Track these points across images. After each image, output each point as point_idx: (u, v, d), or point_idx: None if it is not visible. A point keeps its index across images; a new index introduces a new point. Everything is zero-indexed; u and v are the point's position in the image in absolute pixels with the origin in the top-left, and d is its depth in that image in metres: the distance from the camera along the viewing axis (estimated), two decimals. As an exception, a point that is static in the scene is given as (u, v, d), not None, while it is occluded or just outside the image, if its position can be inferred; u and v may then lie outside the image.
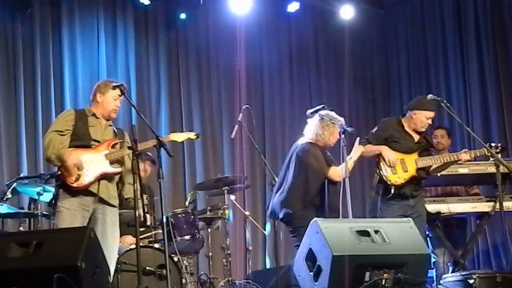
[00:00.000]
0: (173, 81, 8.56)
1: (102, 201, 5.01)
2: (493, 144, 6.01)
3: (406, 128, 6.00)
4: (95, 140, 5.09)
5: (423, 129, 5.99)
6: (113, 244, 4.99)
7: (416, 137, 6.00)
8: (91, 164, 4.97)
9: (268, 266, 8.41)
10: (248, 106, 6.81)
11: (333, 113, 5.82)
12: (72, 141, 5.03)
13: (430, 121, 5.99)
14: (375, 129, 6.07)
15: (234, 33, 8.34)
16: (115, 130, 5.26)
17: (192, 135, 5.43)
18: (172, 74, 8.55)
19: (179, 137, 5.37)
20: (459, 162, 6.01)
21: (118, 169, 5.08)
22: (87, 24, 8.02)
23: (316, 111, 5.80)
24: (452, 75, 8.87)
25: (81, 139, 5.05)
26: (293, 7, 9.00)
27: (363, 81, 9.73)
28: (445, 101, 5.97)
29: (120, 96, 5.11)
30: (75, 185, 4.92)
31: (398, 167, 5.83)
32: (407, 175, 5.84)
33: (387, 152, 5.83)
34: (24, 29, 7.61)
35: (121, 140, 5.18)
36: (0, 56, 7.45)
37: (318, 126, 5.78)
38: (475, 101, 8.53)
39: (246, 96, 8.19)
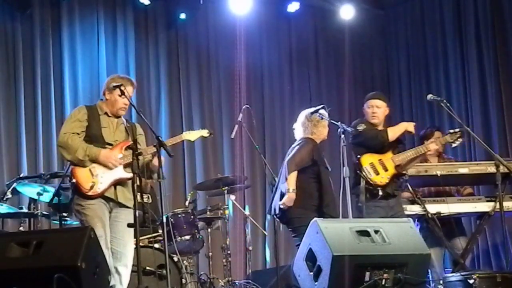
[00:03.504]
0: (173, 81, 8.55)
1: (119, 204, 4.98)
2: (451, 131, 6.00)
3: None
4: (108, 144, 5.00)
5: (375, 120, 5.93)
6: (130, 242, 4.93)
7: None
8: (105, 170, 4.92)
9: (268, 266, 8.40)
10: (248, 106, 6.82)
11: (313, 109, 5.89)
12: None
13: (374, 109, 5.95)
14: (353, 129, 5.84)
15: (234, 33, 8.34)
16: (127, 127, 5.12)
17: (204, 132, 5.33)
18: (172, 74, 8.54)
19: (192, 136, 5.26)
20: (429, 152, 6.03)
21: (131, 174, 4.94)
22: (87, 24, 8.02)
23: (316, 111, 5.86)
24: (452, 75, 8.86)
25: (94, 142, 4.97)
26: (293, 7, 9.00)
27: (363, 81, 9.71)
28: (445, 101, 5.98)
29: (120, 96, 4.94)
30: (90, 193, 4.87)
31: (379, 168, 5.82)
32: (389, 174, 5.83)
33: (408, 125, 5.90)
34: (24, 29, 7.61)
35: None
36: (0, 56, 7.45)
37: (311, 125, 5.92)
38: (475, 101, 8.52)
39: (246, 96, 8.18)
